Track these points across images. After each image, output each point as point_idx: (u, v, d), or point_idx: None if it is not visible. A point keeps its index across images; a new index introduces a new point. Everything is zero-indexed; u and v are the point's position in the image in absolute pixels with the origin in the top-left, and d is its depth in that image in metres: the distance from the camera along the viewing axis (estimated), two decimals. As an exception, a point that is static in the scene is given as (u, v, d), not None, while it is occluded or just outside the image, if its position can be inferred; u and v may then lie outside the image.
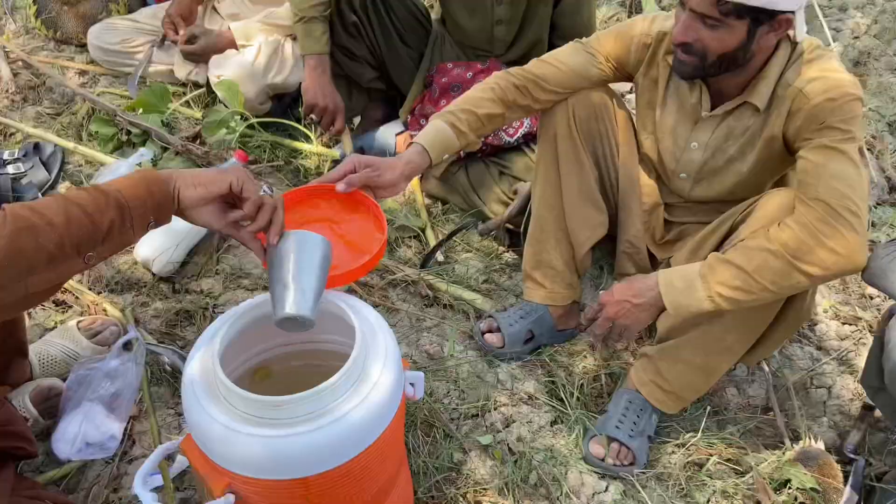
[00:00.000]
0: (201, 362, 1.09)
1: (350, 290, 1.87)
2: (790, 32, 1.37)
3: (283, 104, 2.46)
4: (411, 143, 1.51)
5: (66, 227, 0.95)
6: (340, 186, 1.30)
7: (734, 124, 1.50)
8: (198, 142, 2.24)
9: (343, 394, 1.03)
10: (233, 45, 2.37)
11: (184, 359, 1.49)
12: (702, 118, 1.53)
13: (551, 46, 2.06)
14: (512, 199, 2.07)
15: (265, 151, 2.28)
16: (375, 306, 1.49)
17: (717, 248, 1.50)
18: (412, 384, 1.21)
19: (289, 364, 1.31)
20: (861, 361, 1.77)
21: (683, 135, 1.57)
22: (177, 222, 1.11)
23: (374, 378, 1.07)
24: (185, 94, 2.46)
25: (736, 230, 1.47)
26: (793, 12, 1.32)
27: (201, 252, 1.96)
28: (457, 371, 1.71)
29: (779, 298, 1.38)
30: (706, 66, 1.39)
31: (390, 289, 1.93)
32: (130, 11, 2.71)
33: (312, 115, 2.15)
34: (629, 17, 3.24)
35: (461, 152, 2.14)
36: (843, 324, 1.93)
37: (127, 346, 1.54)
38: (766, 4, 1.27)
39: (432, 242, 2.09)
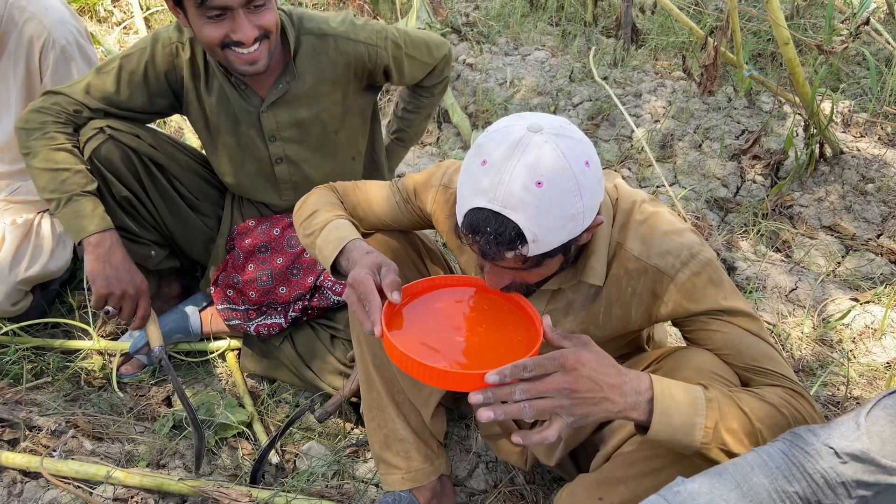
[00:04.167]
0: None
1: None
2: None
3: (49, 293, 1.99)
4: (348, 243, 1.24)
5: None
6: (395, 298, 1.11)
7: (573, 297, 1.27)
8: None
9: None
10: (-29, 232, 1.89)
11: None
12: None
13: None
14: (351, 368, 1.75)
15: (28, 363, 1.79)
16: None
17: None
18: None
19: None
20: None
21: None
22: None
23: None
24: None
25: None
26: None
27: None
28: None
29: None
30: (532, 291, 1.20)
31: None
32: None
33: (108, 308, 1.61)
34: (439, 128, 3.11)
35: (285, 322, 1.81)
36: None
37: None
38: (572, 234, 1.04)
39: (263, 439, 1.70)
